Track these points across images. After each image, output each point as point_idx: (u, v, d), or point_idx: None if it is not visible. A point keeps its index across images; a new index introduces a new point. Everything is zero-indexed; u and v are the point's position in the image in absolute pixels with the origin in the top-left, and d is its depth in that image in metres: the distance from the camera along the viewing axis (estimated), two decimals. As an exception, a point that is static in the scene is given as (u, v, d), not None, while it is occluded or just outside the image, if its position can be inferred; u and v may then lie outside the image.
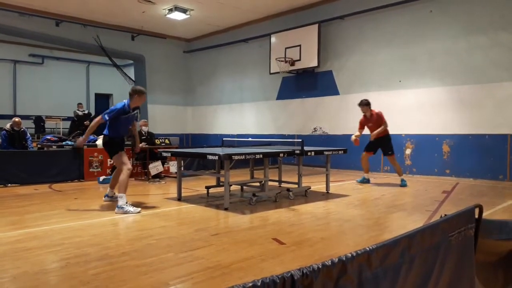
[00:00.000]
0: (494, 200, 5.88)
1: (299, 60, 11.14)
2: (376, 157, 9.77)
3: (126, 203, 4.92)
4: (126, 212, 4.81)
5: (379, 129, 7.27)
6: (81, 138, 5.33)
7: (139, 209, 4.96)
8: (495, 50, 8.15)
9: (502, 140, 8.07)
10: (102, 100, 18.06)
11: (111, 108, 5.23)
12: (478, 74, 8.37)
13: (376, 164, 9.90)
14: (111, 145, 5.25)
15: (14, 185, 7.22)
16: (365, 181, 7.75)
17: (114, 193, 5.45)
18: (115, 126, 5.19)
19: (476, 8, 8.40)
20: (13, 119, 9.54)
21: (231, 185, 5.63)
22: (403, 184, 7.31)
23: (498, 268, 1.91)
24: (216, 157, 4.99)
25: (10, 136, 9.20)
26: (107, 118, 5.08)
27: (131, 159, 8.70)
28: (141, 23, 13.17)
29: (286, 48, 11.38)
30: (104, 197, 5.65)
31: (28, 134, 9.70)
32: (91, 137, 9.72)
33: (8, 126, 9.31)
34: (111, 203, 5.40)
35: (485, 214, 1.77)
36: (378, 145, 7.49)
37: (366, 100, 7.48)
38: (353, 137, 7.46)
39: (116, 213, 4.83)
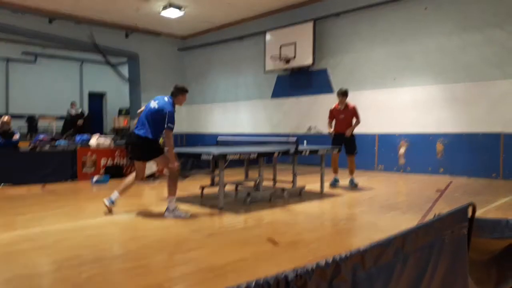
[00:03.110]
0: (488, 198, 5.91)
1: (294, 58, 11.13)
2: (370, 153, 9.84)
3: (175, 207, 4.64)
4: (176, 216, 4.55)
5: (354, 125, 7.00)
6: (173, 159, 4.67)
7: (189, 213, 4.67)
8: (489, 48, 8.20)
9: (495, 138, 8.12)
10: (96, 99, 17.92)
11: (169, 114, 4.60)
12: (472, 72, 8.41)
13: (369, 161, 9.93)
14: (156, 146, 4.83)
15: (6, 185, 7.14)
16: (337, 182, 7.24)
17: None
18: (161, 126, 4.64)
19: (471, 5, 8.44)
20: (2, 118, 9.51)
21: (225, 185, 5.61)
22: (353, 184, 6.97)
23: (491, 267, 1.91)
24: (211, 157, 4.97)
25: (2, 134, 9.24)
26: (172, 127, 4.60)
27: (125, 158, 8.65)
28: (135, 21, 13.07)
29: (281, 46, 11.37)
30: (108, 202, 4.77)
31: (17, 134, 9.63)
32: (85, 136, 9.64)
33: None
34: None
35: (479, 213, 1.78)
36: (344, 142, 7.00)
37: (347, 89, 7.08)
38: (331, 131, 7.15)
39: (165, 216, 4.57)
